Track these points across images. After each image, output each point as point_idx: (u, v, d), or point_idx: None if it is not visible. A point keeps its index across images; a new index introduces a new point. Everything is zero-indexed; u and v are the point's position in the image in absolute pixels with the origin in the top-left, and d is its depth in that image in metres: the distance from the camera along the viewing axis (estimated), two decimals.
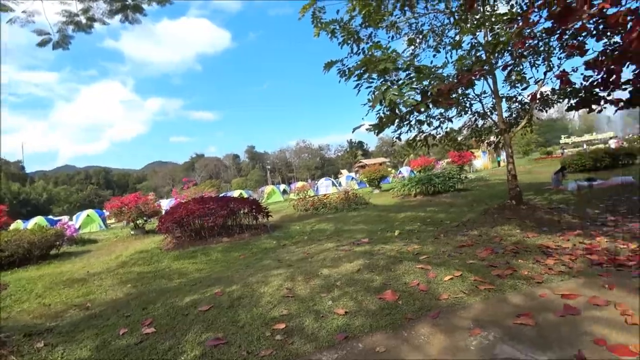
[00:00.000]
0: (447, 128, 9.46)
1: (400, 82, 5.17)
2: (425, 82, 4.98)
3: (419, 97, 4.92)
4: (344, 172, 63.26)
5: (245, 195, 30.65)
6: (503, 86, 10.09)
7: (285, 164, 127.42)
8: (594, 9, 4.56)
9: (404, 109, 5.00)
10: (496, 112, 9.25)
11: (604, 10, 4.81)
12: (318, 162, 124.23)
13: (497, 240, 6.42)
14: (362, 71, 5.47)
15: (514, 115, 10.60)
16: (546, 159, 37.14)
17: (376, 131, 5.19)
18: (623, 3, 4.81)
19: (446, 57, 9.82)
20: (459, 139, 10.44)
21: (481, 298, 3.82)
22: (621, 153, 17.33)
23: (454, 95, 5.80)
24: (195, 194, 21.89)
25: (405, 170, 34.25)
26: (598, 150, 18.82)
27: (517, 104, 10.51)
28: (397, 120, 5.83)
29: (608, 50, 7.22)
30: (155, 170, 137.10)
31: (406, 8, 8.56)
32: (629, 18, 4.54)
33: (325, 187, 30.55)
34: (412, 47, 9.96)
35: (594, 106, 7.92)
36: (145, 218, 16.30)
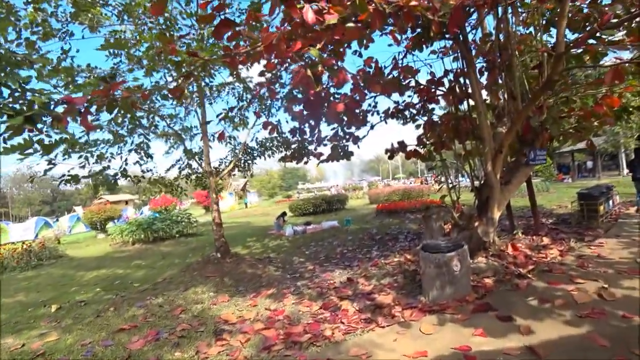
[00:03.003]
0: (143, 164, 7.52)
1: None
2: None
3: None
4: (78, 209, 51.95)
5: None
6: (220, 124, 9.19)
7: None
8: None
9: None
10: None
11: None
12: (48, 195, 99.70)
13: (177, 314, 4.84)
14: None
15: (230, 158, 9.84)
16: (286, 201, 40.77)
17: None
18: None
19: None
20: (167, 178, 8.79)
21: None
22: (334, 199, 19.85)
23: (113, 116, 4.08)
24: None
25: (147, 210, 30.34)
26: (318, 197, 21.18)
27: (239, 146, 9.85)
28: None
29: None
30: None
31: None
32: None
33: (23, 231, 21.88)
34: None
35: (305, 159, 7.84)
36: None
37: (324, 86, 6.26)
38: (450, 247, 3.92)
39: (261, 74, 4.84)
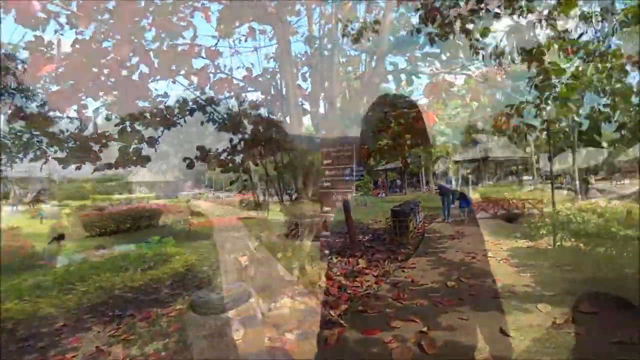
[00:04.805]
0: None
1: None
2: None
3: None
4: None
5: None
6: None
7: None
8: None
9: None
10: None
11: None
12: None
13: None
14: None
15: None
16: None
17: None
18: None
19: None
20: None
21: None
22: (145, 214, 16.45)
23: None
24: None
25: None
26: (122, 211, 17.04)
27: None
28: None
29: None
30: None
31: None
32: None
33: None
34: None
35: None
36: None
37: None
38: (228, 303, 2.57)
39: None
